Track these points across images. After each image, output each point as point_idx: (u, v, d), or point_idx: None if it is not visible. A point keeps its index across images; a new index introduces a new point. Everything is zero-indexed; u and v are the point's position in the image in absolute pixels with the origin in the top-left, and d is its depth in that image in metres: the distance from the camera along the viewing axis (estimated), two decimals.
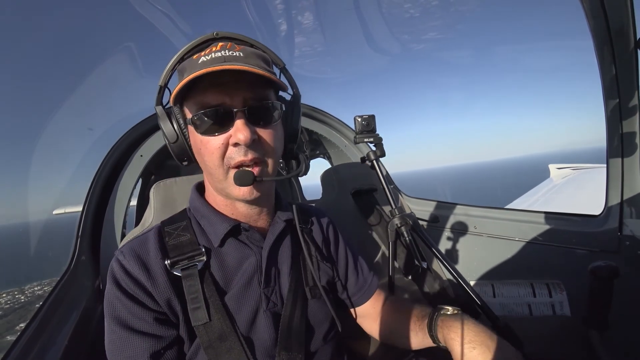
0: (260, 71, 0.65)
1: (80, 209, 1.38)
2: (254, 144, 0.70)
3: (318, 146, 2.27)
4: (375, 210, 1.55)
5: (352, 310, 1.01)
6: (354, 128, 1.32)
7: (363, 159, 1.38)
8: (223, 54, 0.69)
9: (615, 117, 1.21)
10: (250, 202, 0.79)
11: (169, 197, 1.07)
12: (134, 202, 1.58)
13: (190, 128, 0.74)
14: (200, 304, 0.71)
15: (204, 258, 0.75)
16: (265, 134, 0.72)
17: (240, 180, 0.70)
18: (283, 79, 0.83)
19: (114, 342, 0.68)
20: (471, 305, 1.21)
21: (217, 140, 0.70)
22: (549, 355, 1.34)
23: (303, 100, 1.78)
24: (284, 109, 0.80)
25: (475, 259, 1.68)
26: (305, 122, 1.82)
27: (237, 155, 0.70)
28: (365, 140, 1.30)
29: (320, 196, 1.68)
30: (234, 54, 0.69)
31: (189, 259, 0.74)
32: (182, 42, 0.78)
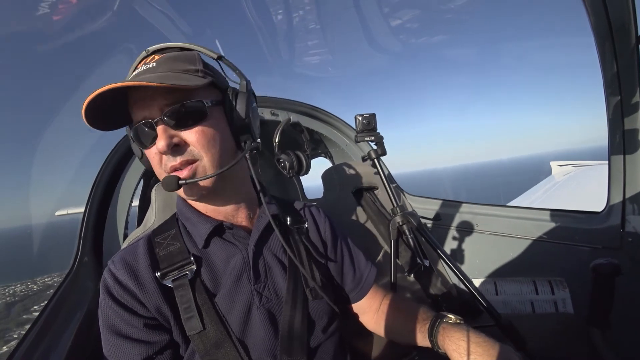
0: (145, 83, 0.64)
1: (82, 210, 1.39)
2: (180, 147, 0.71)
3: (319, 145, 2.27)
4: (377, 208, 1.55)
5: (351, 306, 1.01)
6: (354, 127, 1.32)
7: (364, 158, 1.38)
8: (139, 70, 0.72)
9: (617, 114, 1.21)
10: (212, 198, 0.80)
11: (170, 197, 1.07)
12: (135, 203, 1.59)
13: None
14: (193, 313, 0.72)
15: (194, 267, 0.76)
16: (191, 134, 0.71)
17: (166, 186, 0.71)
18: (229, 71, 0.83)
19: (108, 350, 0.70)
20: (474, 303, 1.21)
21: (153, 151, 0.73)
22: (552, 352, 1.33)
23: (304, 100, 1.76)
24: (227, 101, 0.77)
25: (477, 256, 1.67)
26: (306, 121, 1.82)
27: (168, 161, 0.72)
28: (366, 138, 1.30)
29: (322, 195, 1.68)
30: (148, 67, 0.72)
31: (179, 269, 0.75)
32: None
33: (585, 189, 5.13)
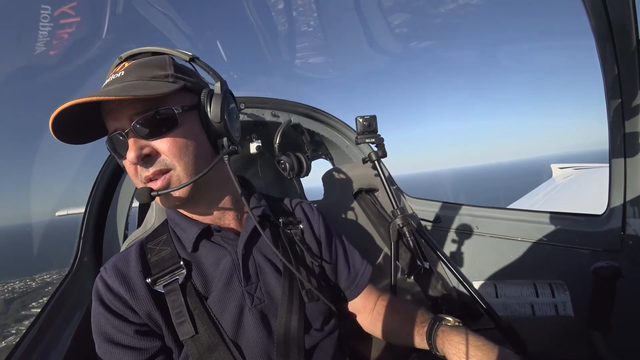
0: (103, 97, 0.63)
1: (82, 210, 1.39)
2: (152, 157, 0.70)
3: (319, 147, 2.27)
4: (377, 210, 1.55)
5: (346, 305, 1.00)
6: (355, 129, 1.32)
7: (365, 160, 1.38)
8: (109, 80, 0.71)
9: (618, 116, 1.21)
10: (191, 205, 0.79)
11: None
12: (136, 204, 1.59)
13: None
14: (185, 317, 0.72)
15: (184, 271, 0.76)
16: (162, 143, 0.69)
17: (139, 198, 0.70)
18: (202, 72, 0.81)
19: (101, 357, 0.71)
20: (474, 306, 1.21)
21: (127, 162, 0.71)
22: (552, 355, 1.33)
23: (304, 101, 1.75)
24: (201, 105, 0.74)
25: (477, 259, 1.67)
26: (306, 123, 1.82)
27: (142, 172, 0.71)
28: (367, 140, 1.30)
29: (322, 197, 1.68)
30: (117, 76, 0.70)
31: (170, 274, 0.75)
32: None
33: (585, 191, 5.12)
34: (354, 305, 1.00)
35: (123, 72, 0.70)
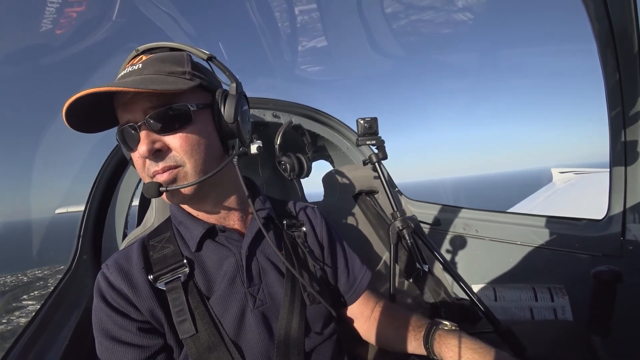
0: (122, 88, 0.63)
1: (82, 208, 1.39)
2: (163, 152, 0.69)
3: (320, 148, 2.27)
4: (377, 212, 1.55)
5: (345, 310, 1.00)
6: (356, 130, 1.32)
7: (365, 162, 1.38)
8: (125, 72, 0.71)
9: (619, 121, 1.21)
10: (197, 203, 0.79)
11: None
12: (135, 202, 1.59)
13: None
14: (185, 316, 0.71)
15: (187, 269, 0.75)
16: (174, 139, 0.69)
17: (147, 192, 0.69)
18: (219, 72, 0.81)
19: (101, 354, 0.70)
20: (472, 309, 1.21)
21: (136, 155, 0.71)
22: (551, 359, 1.33)
23: (306, 103, 1.75)
24: (215, 104, 0.75)
25: (476, 262, 1.67)
26: (308, 124, 1.82)
27: (150, 166, 0.70)
28: (368, 142, 1.30)
29: (322, 198, 1.68)
30: (134, 68, 0.70)
31: (172, 272, 0.75)
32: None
33: (585, 196, 5.12)
34: (351, 311, 0.99)
35: (141, 64, 0.70)
